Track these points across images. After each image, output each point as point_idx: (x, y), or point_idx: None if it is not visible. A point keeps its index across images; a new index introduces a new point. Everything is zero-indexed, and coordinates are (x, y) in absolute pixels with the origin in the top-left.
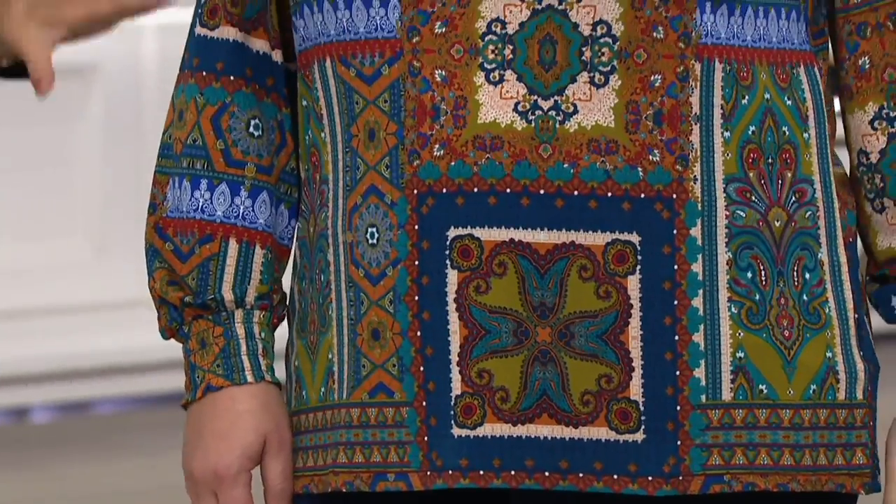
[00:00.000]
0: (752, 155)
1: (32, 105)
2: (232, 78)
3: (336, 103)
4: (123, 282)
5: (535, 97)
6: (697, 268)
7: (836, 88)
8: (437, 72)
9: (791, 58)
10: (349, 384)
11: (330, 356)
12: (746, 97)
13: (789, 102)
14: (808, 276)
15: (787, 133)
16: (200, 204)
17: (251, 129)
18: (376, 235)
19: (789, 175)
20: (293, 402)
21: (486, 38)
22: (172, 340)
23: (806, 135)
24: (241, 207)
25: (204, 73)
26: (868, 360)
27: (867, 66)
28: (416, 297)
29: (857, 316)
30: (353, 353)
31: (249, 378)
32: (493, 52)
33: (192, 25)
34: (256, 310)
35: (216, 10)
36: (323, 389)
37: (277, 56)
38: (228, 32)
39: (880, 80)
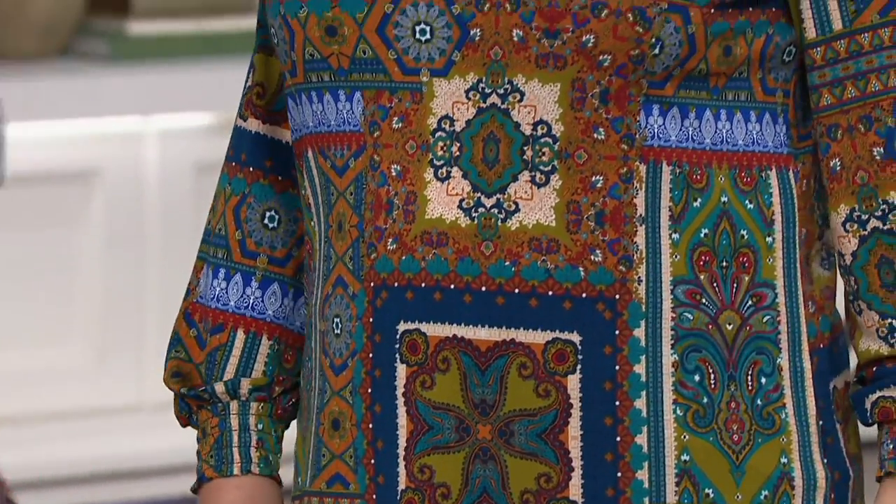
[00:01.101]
0: (703, 257)
1: (33, 210)
2: (251, 169)
3: (319, 193)
4: (124, 387)
5: (479, 195)
6: (640, 369)
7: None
8: (393, 166)
9: (760, 161)
10: (311, 472)
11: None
12: (699, 200)
13: (750, 206)
14: (763, 380)
15: (746, 236)
16: (217, 293)
17: (265, 221)
18: (340, 326)
19: (746, 279)
20: (295, 487)
21: (437, 135)
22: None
23: (769, 238)
24: (252, 298)
25: (233, 164)
26: (835, 468)
27: (838, 168)
28: (370, 390)
29: (822, 423)
30: (316, 442)
31: (236, 470)
32: (442, 148)
33: (236, 118)
34: (252, 402)
35: (250, 102)
36: (300, 477)
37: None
38: (252, 124)
39: (851, 183)
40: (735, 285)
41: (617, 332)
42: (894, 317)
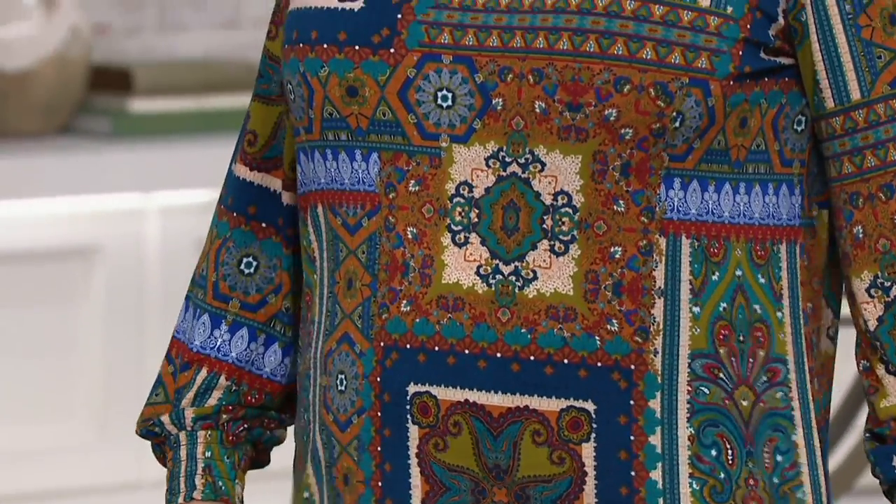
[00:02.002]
0: (723, 331)
1: (33, 287)
2: (235, 214)
3: (326, 248)
4: (125, 465)
5: (497, 261)
6: (656, 440)
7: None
8: (409, 229)
9: (773, 234)
10: None
11: (306, 494)
12: (717, 273)
13: (762, 280)
14: (779, 458)
15: (760, 311)
16: (189, 333)
17: (242, 267)
18: (345, 382)
19: (762, 353)
20: None
21: (455, 201)
22: None
23: (779, 313)
24: (219, 340)
25: (222, 206)
26: None
27: (861, 236)
28: (379, 448)
29: (828, 501)
30: (332, 494)
31: (180, 499)
32: (460, 214)
33: (230, 163)
34: (199, 430)
35: (241, 149)
36: None
37: (287, 198)
38: (240, 170)
39: (874, 250)
40: (751, 360)
41: (632, 402)
42: None
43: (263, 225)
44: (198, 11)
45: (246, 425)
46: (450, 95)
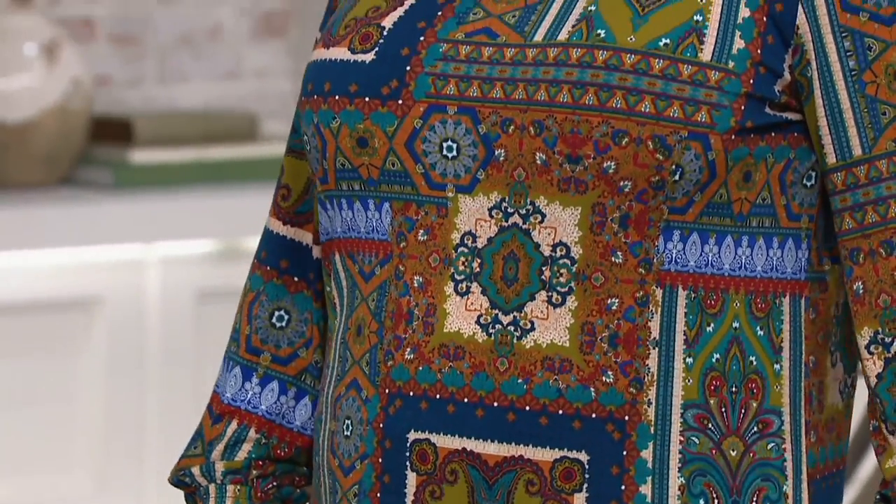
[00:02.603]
0: (714, 382)
1: (34, 338)
2: (268, 268)
3: (346, 295)
4: None
5: (497, 311)
6: (646, 490)
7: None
8: (415, 277)
9: (776, 287)
10: None
11: None
12: (712, 325)
13: (761, 333)
14: None
15: (755, 363)
16: (224, 385)
17: (273, 320)
18: (350, 428)
19: (754, 405)
20: None
21: (459, 250)
22: None
23: (777, 366)
24: (249, 393)
25: (256, 261)
26: None
27: (861, 292)
28: (379, 494)
29: None
30: None
31: None
32: (463, 263)
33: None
34: (228, 485)
35: (275, 203)
36: None
37: (317, 252)
38: (274, 225)
39: (874, 306)
40: (743, 411)
41: (625, 452)
42: None
43: (295, 279)
44: (198, 62)
45: (275, 483)
46: (455, 146)
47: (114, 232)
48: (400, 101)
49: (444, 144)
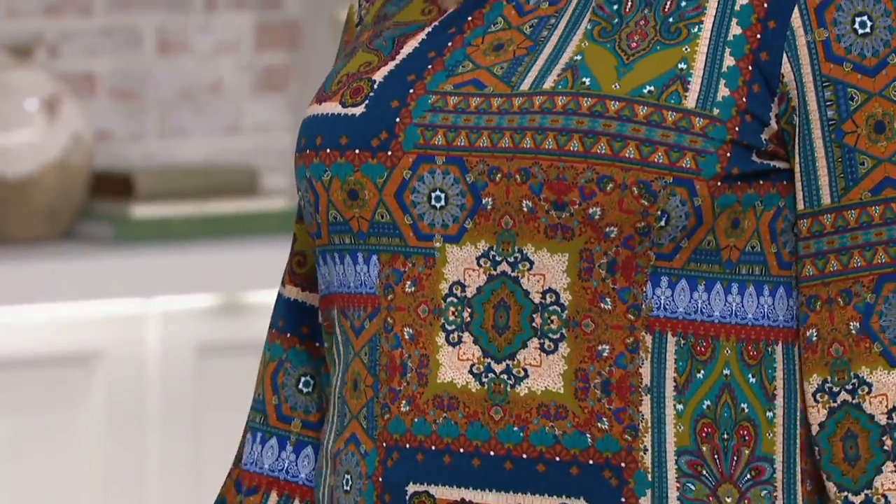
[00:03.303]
0: (705, 429)
1: (34, 393)
2: (289, 335)
3: (342, 351)
4: None
5: (489, 360)
6: None
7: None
8: (406, 329)
9: (768, 335)
10: None
11: None
12: (702, 371)
13: (753, 380)
14: None
15: (747, 410)
16: (255, 458)
17: (300, 386)
18: (350, 483)
19: (746, 452)
20: None
21: (448, 300)
22: None
23: (770, 413)
24: (286, 461)
25: (273, 331)
26: None
27: (814, 339)
28: None
29: None
30: None
31: None
32: (453, 313)
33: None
34: None
35: (290, 270)
36: None
37: None
38: (291, 291)
39: (825, 354)
40: (735, 458)
41: (623, 499)
42: (851, 491)
43: (316, 344)
44: (199, 117)
45: None
46: (443, 196)
47: (114, 286)
48: (389, 153)
49: (433, 195)
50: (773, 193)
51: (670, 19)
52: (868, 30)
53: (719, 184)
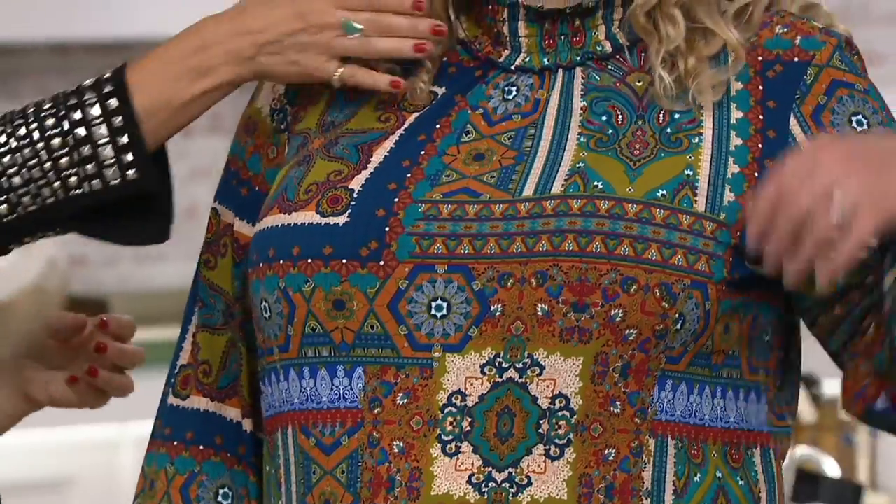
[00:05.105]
0: None
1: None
2: (201, 447)
3: (294, 472)
4: None
5: (490, 469)
6: None
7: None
8: (395, 443)
9: (747, 438)
10: None
11: None
12: (698, 475)
13: (742, 483)
14: None
15: None
16: None
17: (219, 499)
18: None
19: None
20: None
21: (446, 411)
22: None
23: None
24: None
25: (175, 443)
26: None
27: None
28: None
29: None
30: None
31: None
32: (451, 423)
33: (165, 395)
34: None
35: (188, 380)
36: None
37: (248, 425)
38: (199, 402)
39: None
40: None
41: None
42: None
43: (229, 455)
44: (175, 242)
45: None
46: (445, 305)
47: (87, 411)
48: (381, 263)
49: (433, 304)
50: (760, 303)
51: (668, 129)
52: (866, 126)
53: (724, 288)
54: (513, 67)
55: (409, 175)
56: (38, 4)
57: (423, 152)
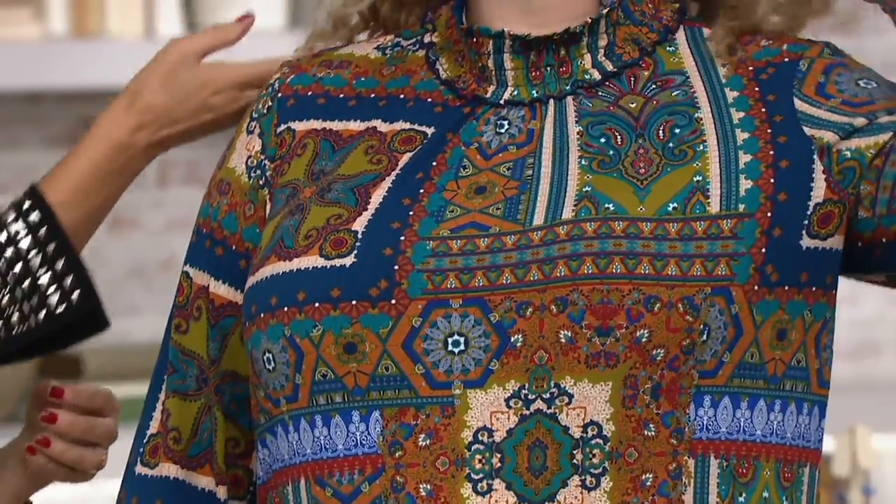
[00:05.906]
0: None
1: None
2: None
3: None
4: None
5: None
6: None
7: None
8: (421, 486)
9: (801, 456)
10: None
11: None
12: (744, 495)
13: (786, 503)
14: None
15: None
16: None
17: None
18: None
19: None
20: None
21: (473, 448)
22: None
23: None
24: None
25: None
26: None
27: None
28: None
29: None
30: None
31: None
32: (480, 461)
33: (131, 465)
34: None
35: (157, 449)
36: None
37: (222, 493)
38: (169, 470)
39: None
40: None
41: None
42: None
43: None
44: (150, 294)
45: None
46: (462, 340)
47: None
48: (393, 301)
49: (450, 340)
50: (822, 303)
51: (670, 144)
52: (874, 84)
53: (756, 288)
54: (502, 102)
55: (411, 213)
56: (9, 53)
57: (422, 190)
